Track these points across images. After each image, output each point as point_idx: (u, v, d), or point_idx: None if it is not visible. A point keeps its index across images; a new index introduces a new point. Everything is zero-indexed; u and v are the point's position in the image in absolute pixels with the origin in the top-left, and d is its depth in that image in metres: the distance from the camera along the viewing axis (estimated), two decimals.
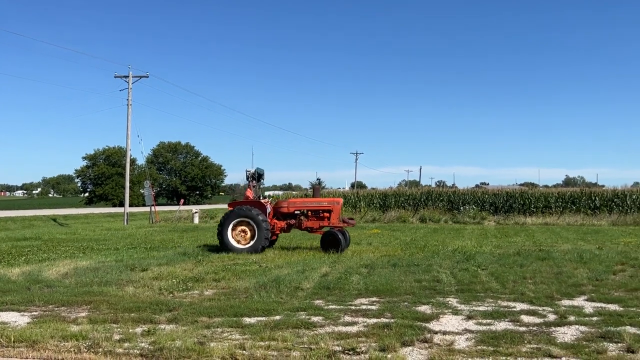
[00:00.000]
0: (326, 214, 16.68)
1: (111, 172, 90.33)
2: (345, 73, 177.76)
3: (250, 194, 17.02)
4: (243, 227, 16.10)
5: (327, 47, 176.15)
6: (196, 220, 35.92)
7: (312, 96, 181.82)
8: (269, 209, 16.70)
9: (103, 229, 30.21)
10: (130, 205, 46.40)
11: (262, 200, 16.90)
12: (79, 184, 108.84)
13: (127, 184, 40.96)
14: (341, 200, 18.08)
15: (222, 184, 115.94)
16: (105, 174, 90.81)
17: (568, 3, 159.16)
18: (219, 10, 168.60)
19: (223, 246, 16.11)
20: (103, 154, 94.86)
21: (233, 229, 16.14)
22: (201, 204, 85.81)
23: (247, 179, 17.33)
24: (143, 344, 6.38)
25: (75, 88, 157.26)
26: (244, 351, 6.01)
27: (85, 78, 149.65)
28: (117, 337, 6.68)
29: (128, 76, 39.75)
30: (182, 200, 54.79)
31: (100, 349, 6.17)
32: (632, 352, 5.88)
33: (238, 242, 16.04)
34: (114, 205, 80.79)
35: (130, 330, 6.97)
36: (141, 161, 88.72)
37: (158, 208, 45.04)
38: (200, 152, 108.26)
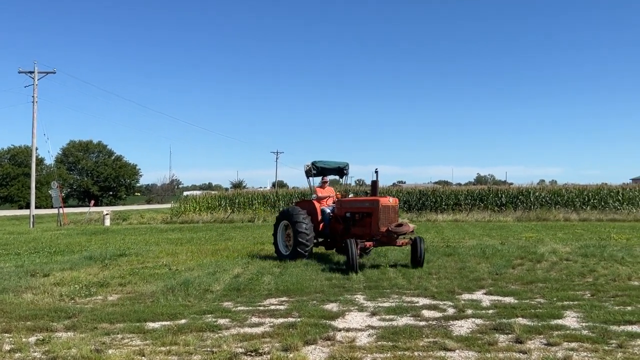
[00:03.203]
0: (368, 219, 12.94)
1: (17, 173, 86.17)
2: (262, 70, 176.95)
3: (317, 192, 14.50)
4: (288, 231, 13.91)
5: (242, 44, 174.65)
6: (107, 222, 34.66)
7: (229, 94, 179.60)
8: (329, 209, 14.13)
9: (6, 232, 28.63)
10: (38, 208, 44.32)
11: (315, 201, 14.21)
12: None
13: (33, 185, 38.98)
14: (386, 200, 12.71)
15: (138, 184, 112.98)
16: (11, 175, 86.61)
17: None
18: (133, 3, 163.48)
19: (275, 251, 14.26)
20: (8, 153, 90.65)
21: (283, 232, 14.11)
22: (115, 205, 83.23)
23: (306, 175, 14.50)
24: (36, 354, 6.09)
25: None
26: (143, 357, 5.87)
27: None
28: (7, 347, 6.34)
29: (34, 72, 37.95)
30: (92, 202, 52.64)
31: None
32: (520, 342, 6.22)
33: (285, 246, 14.01)
34: (20, 208, 76.98)
35: (24, 340, 6.62)
36: (49, 161, 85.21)
37: (68, 210, 43.20)
38: (114, 151, 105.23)
